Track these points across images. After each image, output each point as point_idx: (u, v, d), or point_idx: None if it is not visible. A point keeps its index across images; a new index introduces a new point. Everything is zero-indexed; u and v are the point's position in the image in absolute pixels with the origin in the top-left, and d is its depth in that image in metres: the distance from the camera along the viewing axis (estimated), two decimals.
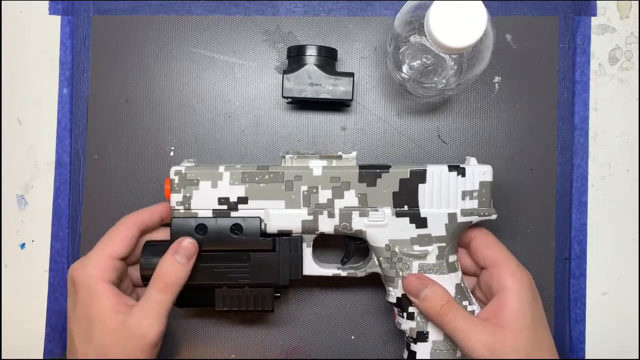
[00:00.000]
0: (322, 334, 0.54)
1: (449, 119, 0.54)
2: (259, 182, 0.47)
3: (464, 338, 0.43)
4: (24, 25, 0.56)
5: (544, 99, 0.54)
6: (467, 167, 0.46)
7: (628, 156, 0.54)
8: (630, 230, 0.54)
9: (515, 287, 0.44)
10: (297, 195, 0.47)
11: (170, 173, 0.47)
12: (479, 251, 0.47)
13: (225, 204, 0.47)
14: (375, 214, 0.46)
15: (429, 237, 0.46)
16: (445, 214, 0.46)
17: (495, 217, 0.47)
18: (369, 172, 0.46)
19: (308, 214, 0.47)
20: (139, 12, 0.55)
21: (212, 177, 0.47)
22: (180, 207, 0.47)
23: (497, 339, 0.42)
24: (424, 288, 0.45)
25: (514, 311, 0.43)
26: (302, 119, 0.55)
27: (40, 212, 0.55)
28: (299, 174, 0.47)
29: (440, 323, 0.44)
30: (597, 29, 0.55)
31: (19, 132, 0.56)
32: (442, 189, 0.46)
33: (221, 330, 0.54)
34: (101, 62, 0.55)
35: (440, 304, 0.44)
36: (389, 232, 0.47)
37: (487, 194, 0.46)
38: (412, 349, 0.47)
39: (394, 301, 0.48)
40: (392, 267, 0.47)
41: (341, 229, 0.47)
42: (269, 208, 0.47)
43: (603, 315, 0.54)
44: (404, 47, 0.47)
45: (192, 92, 0.55)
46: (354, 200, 0.47)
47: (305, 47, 0.50)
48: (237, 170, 0.47)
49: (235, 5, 0.55)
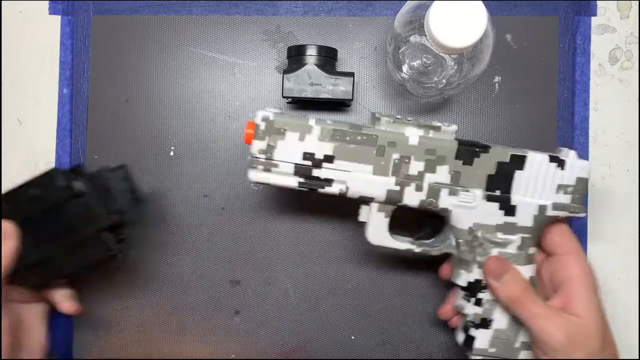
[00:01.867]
0: (322, 334, 0.54)
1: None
2: (349, 142, 0.44)
3: (543, 324, 0.42)
4: (24, 25, 0.56)
5: (544, 99, 0.54)
6: (567, 160, 0.44)
7: (628, 156, 0.54)
8: (630, 230, 0.54)
9: (584, 276, 0.44)
10: (387, 162, 0.44)
11: (257, 117, 0.44)
12: (552, 236, 0.46)
13: (310, 159, 0.44)
14: (466, 194, 0.44)
15: (514, 226, 0.45)
16: (536, 205, 0.44)
17: (584, 215, 0.45)
18: (468, 149, 0.44)
19: (395, 184, 0.44)
20: (139, 12, 0.55)
21: (301, 129, 0.43)
22: (262, 156, 0.44)
23: (575, 326, 0.42)
24: (505, 272, 0.44)
25: (586, 301, 0.43)
26: None
27: None
28: (393, 140, 0.44)
29: (518, 308, 0.44)
30: (597, 29, 0.55)
31: (19, 132, 0.56)
32: (538, 179, 0.44)
33: (221, 330, 0.54)
34: (101, 62, 0.55)
35: (521, 288, 0.44)
36: (475, 215, 0.45)
37: (582, 190, 0.45)
38: (471, 333, 0.46)
39: (464, 284, 0.46)
40: (471, 251, 0.45)
41: (427, 204, 0.45)
42: (355, 171, 0.44)
43: None
44: (404, 47, 0.47)
45: (192, 92, 0.55)
46: (446, 177, 0.44)
47: (306, 46, 0.50)
48: (328, 125, 0.44)
49: (235, 5, 0.55)
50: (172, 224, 0.55)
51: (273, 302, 0.54)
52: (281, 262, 0.54)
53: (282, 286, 0.54)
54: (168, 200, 0.55)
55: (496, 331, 0.46)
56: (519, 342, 0.46)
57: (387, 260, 0.54)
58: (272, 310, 0.54)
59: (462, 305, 0.47)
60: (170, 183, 0.55)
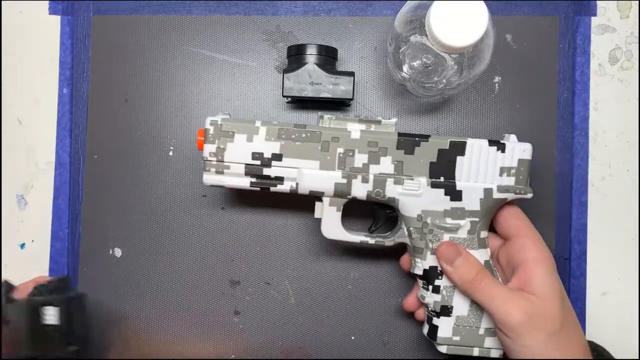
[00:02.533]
0: (322, 334, 0.54)
1: (449, 119, 0.54)
2: (295, 140, 0.46)
3: (501, 304, 0.42)
4: (24, 25, 0.56)
5: (544, 99, 0.54)
6: (508, 143, 0.46)
7: (628, 156, 0.54)
8: (630, 230, 0.54)
9: (541, 257, 0.44)
10: (333, 156, 0.46)
11: (206, 123, 0.46)
12: (505, 220, 0.47)
13: (258, 159, 0.46)
14: (411, 182, 0.46)
15: (462, 211, 0.46)
16: (481, 189, 0.46)
17: (530, 196, 0.46)
18: (407, 139, 0.46)
19: (342, 177, 0.46)
20: (139, 12, 0.55)
21: (248, 130, 0.46)
22: (213, 159, 0.46)
23: (535, 305, 0.42)
24: (458, 256, 0.44)
25: (544, 281, 0.43)
26: (301, 118, 0.55)
27: (40, 212, 0.55)
28: (336, 135, 0.46)
29: (473, 291, 0.44)
30: (597, 29, 0.55)
31: (19, 132, 0.56)
32: (480, 163, 0.46)
33: (221, 330, 0.54)
34: (101, 62, 0.55)
35: (476, 271, 0.44)
36: (422, 202, 0.46)
37: (524, 171, 0.46)
38: (434, 323, 0.47)
39: (421, 273, 0.47)
40: (422, 238, 0.46)
41: (374, 195, 0.46)
42: (303, 167, 0.46)
43: (603, 315, 0.54)
44: (405, 46, 0.47)
45: (191, 91, 0.55)
46: (390, 167, 0.46)
47: (306, 46, 0.50)
48: (274, 126, 0.46)
49: (235, 5, 0.55)
50: (172, 223, 0.55)
51: (273, 302, 0.54)
52: (281, 262, 0.54)
53: (281, 286, 0.54)
54: (168, 200, 0.55)
55: (458, 318, 0.46)
56: (483, 329, 0.46)
57: (388, 261, 0.54)
58: (272, 310, 0.54)
59: (423, 295, 0.48)
60: (170, 183, 0.55)
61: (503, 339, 0.43)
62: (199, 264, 0.55)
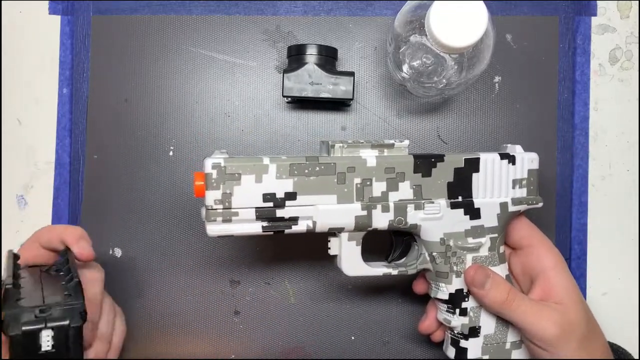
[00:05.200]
0: (322, 334, 0.54)
1: (449, 119, 0.54)
2: (309, 175, 0.42)
3: (535, 321, 0.42)
4: (24, 25, 0.56)
5: (544, 99, 0.54)
6: (517, 155, 0.45)
7: (628, 156, 0.54)
8: (630, 230, 0.54)
9: (558, 264, 0.44)
10: (350, 188, 0.43)
11: (206, 166, 0.41)
12: (517, 231, 0.46)
13: (271, 200, 0.42)
14: (431, 206, 0.44)
15: (482, 229, 0.45)
16: (497, 204, 0.45)
17: (541, 205, 0.46)
18: (424, 161, 0.44)
19: (362, 209, 0.43)
20: (139, 12, 0.55)
21: (256, 169, 0.41)
22: (219, 207, 0.41)
23: (565, 315, 0.42)
24: (487, 279, 0.44)
25: (565, 287, 0.43)
26: (301, 118, 0.55)
27: (40, 212, 0.55)
28: (352, 165, 0.43)
29: (507, 311, 0.43)
30: (597, 29, 0.55)
31: (19, 132, 0.56)
32: (494, 178, 0.45)
33: (221, 330, 0.54)
34: (101, 62, 0.55)
35: (506, 291, 0.43)
36: (443, 225, 0.44)
37: (534, 181, 0.46)
38: (462, 345, 0.46)
39: (446, 297, 0.46)
40: (447, 262, 0.45)
41: (396, 224, 0.44)
42: (320, 203, 0.43)
43: (603, 315, 0.54)
44: (405, 46, 0.47)
45: (191, 91, 0.55)
46: (409, 192, 0.44)
47: (306, 46, 0.50)
48: (284, 162, 0.42)
49: (235, 5, 0.55)
50: (172, 223, 0.55)
51: (273, 302, 0.54)
52: (281, 262, 0.54)
53: (281, 286, 0.54)
54: (168, 200, 0.55)
55: (486, 337, 0.46)
56: (509, 343, 0.46)
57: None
58: (272, 310, 0.54)
59: (448, 319, 0.46)
60: (170, 183, 0.55)
61: (537, 352, 0.43)
62: (199, 263, 0.54)
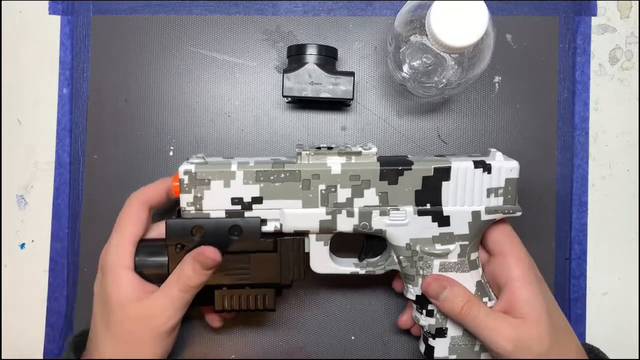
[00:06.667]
0: (322, 334, 0.54)
1: (449, 119, 0.54)
2: (274, 182, 0.44)
3: (488, 335, 0.43)
4: (24, 25, 0.56)
5: (544, 99, 0.54)
6: (493, 164, 0.44)
7: (628, 156, 0.54)
8: (630, 230, 0.54)
9: (525, 275, 0.44)
10: (315, 194, 0.45)
11: (180, 172, 0.45)
12: (491, 236, 0.46)
13: (238, 204, 0.45)
14: (397, 213, 0.45)
15: (451, 236, 0.45)
16: (469, 212, 0.45)
17: (519, 214, 0.45)
18: (390, 169, 0.44)
19: (326, 214, 0.45)
20: (138, 12, 0.55)
21: (224, 176, 0.44)
22: (191, 208, 0.45)
23: (520, 331, 0.42)
24: (443, 290, 0.44)
25: (528, 300, 0.43)
26: (301, 118, 0.55)
27: (40, 212, 0.55)
28: (316, 173, 0.44)
29: (463, 322, 0.44)
30: (597, 29, 0.55)
31: (19, 132, 0.56)
32: (466, 187, 0.44)
33: (221, 330, 0.54)
34: (101, 62, 0.55)
35: (461, 304, 0.44)
36: (410, 231, 0.45)
37: (512, 191, 0.45)
38: (430, 343, 0.47)
39: (414, 298, 0.47)
40: (413, 266, 0.46)
41: (360, 228, 0.45)
42: (285, 208, 0.45)
43: (603, 315, 0.54)
44: (405, 46, 0.47)
45: (191, 91, 0.55)
46: (375, 199, 0.45)
47: (306, 46, 0.50)
48: (250, 168, 0.44)
49: (235, 5, 0.55)
50: None
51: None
52: None
53: None
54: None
55: (453, 338, 0.46)
56: (478, 346, 0.46)
57: None
58: None
59: (418, 318, 0.47)
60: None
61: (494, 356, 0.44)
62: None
